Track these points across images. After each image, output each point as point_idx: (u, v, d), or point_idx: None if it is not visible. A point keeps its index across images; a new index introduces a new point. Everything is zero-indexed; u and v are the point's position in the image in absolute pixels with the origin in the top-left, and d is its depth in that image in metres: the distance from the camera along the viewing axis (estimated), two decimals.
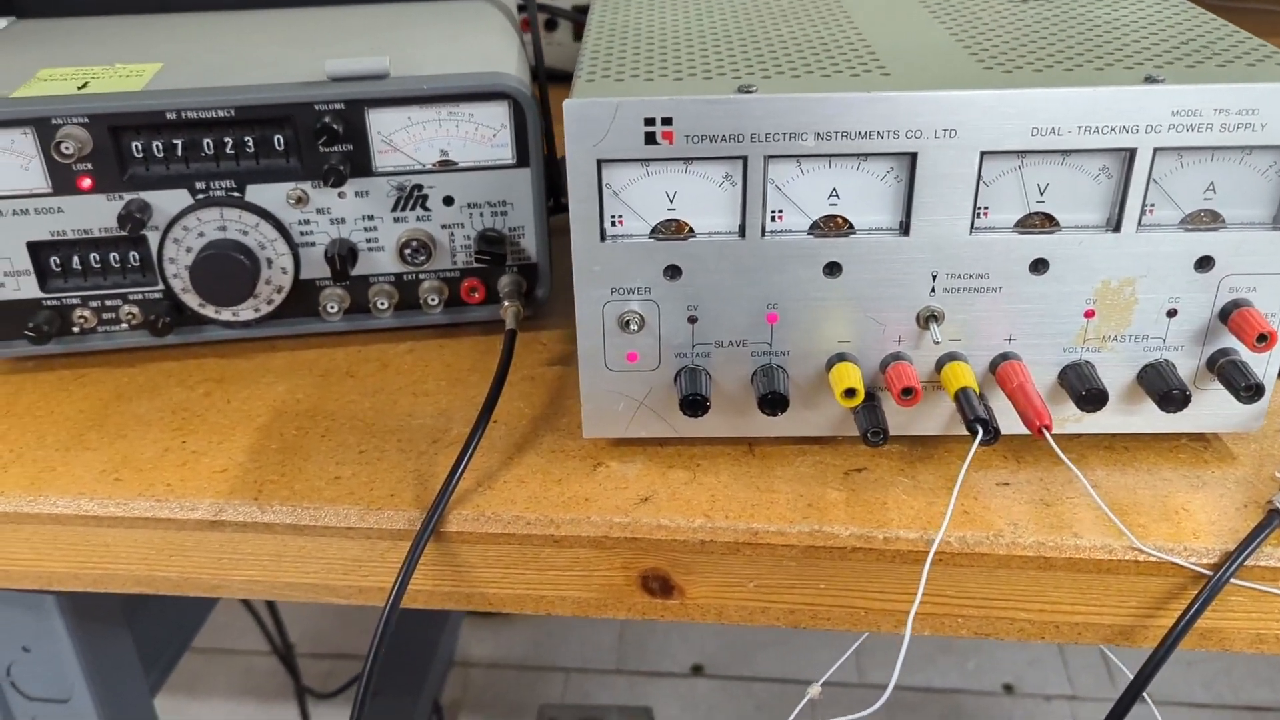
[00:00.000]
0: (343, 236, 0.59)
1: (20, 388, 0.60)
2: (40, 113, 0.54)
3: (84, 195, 0.56)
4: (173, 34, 0.67)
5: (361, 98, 0.56)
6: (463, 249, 0.61)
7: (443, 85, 0.56)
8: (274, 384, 0.59)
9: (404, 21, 0.69)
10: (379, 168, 0.58)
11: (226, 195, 0.57)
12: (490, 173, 0.59)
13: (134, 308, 0.60)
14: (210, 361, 0.62)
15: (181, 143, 0.56)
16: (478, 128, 0.58)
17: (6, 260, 0.58)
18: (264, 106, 0.55)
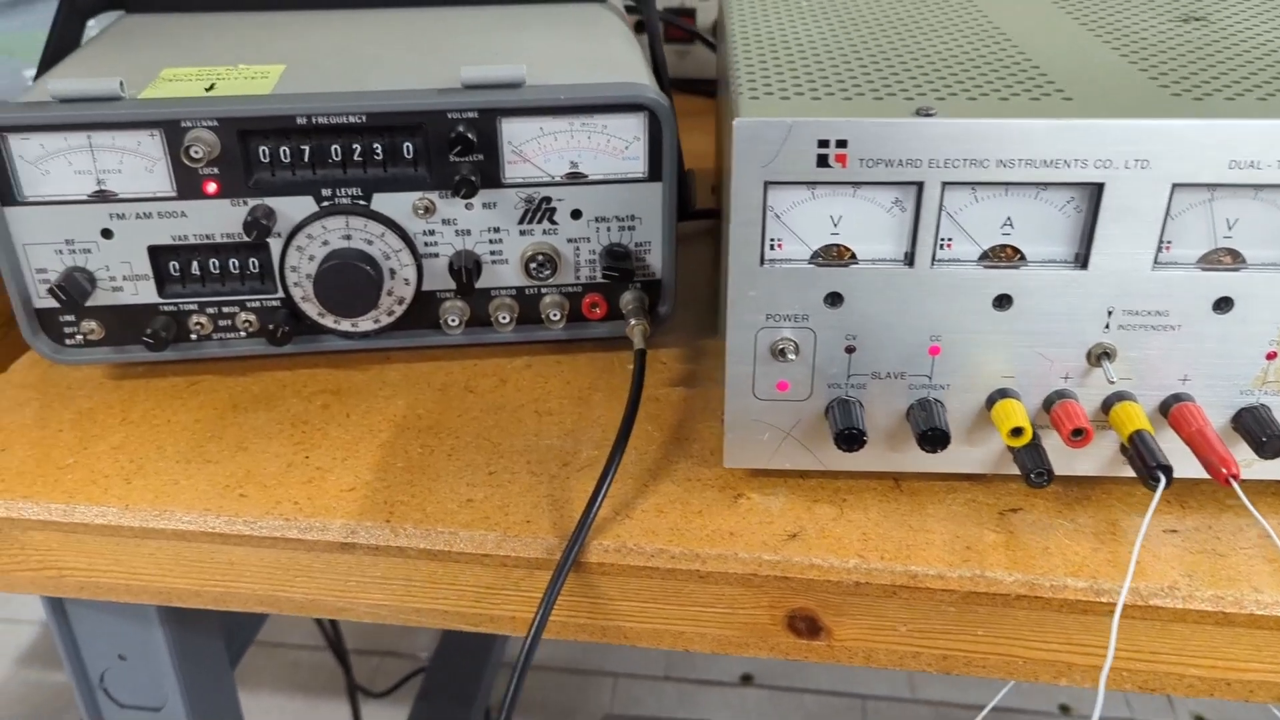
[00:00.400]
0: (467, 248, 0.58)
1: (133, 395, 0.58)
2: (171, 115, 0.52)
3: (208, 200, 0.55)
4: (285, 33, 0.65)
5: (496, 107, 0.54)
6: (587, 264, 0.59)
7: (580, 96, 0.54)
8: (392, 398, 0.58)
9: (521, 24, 0.67)
10: (508, 179, 0.56)
11: (352, 203, 0.56)
12: (620, 186, 0.57)
13: (251, 315, 0.58)
14: (324, 372, 0.60)
15: (309, 148, 0.55)
16: (610, 140, 0.56)
17: (126, 264, 0.56)
18: (396, 114, 0.54)
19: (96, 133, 0.53)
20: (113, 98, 0.52)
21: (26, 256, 0.55)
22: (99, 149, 0.53)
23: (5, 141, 0.53)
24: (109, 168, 0.54)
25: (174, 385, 0.59)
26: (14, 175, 0.53)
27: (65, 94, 0.52)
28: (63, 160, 0.53)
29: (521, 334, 0.60)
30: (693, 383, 0.59)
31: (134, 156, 0.54)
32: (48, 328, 0.58)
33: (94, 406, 0.57)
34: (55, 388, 0.59)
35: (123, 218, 0.55)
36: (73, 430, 0.55)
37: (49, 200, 0.54)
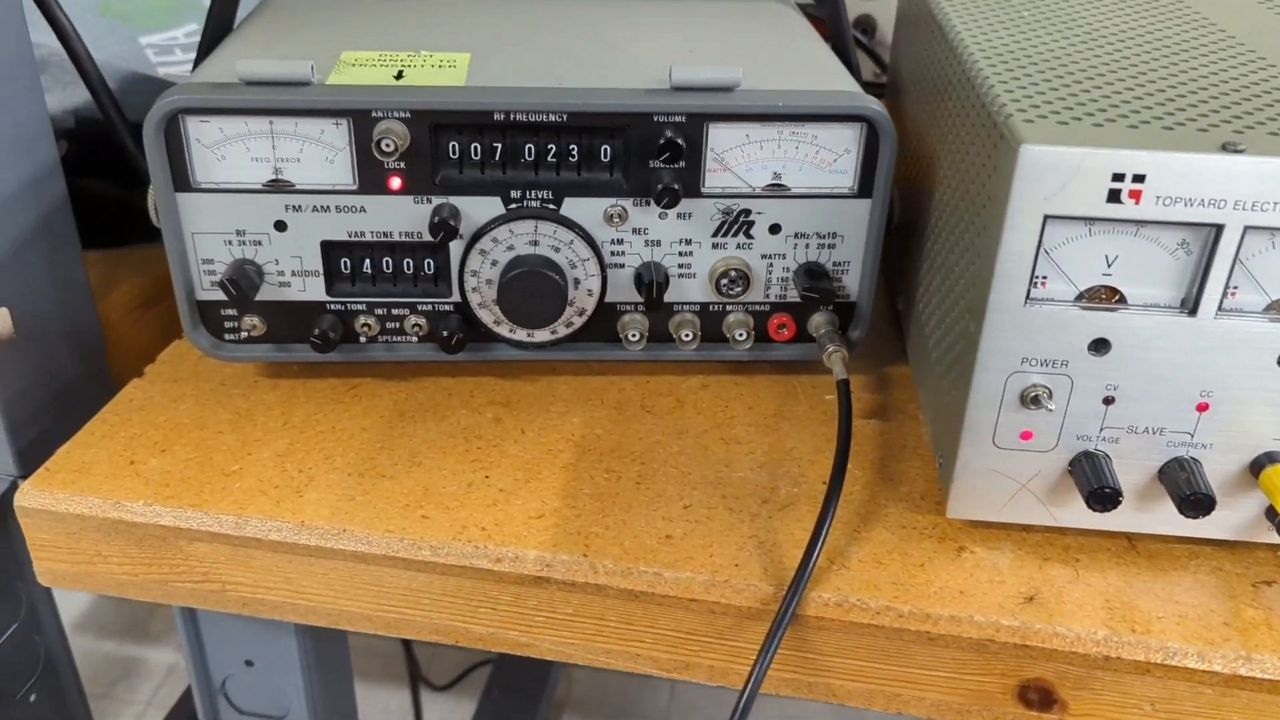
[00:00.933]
0: (656, 260, 0.54)
1: (292, 396, 0.55)
2: (362, 103, 0.49)
3: (391, 196, 0.51)
4: (455, 16, 0.62)
5: (705, 111, 0.50)
6: (779, 282, 0.55)
7: (798, 104, 0.50)
8: (567, 414, 0.54)
9: (703, 18, 0.63)
10: (706, 188, 0.52)
11: (541, 207, 0.52)
12: (825, 201, 0.53)
13: (421, 319, 0.55)
14: (490, 382, 0.57)
15: (501, 146, 0.51)
16: (819, 151, 0.52)
17: (296, 259, 0.53)
18: (599, 114, 0.50)
19: (279, 119, 0.49)
20: (302, 82, 0.49)
21: (194, 246, 0.52)
22: (280, 136, 0.50)
23: (184, 124, 0.49)
24: (288, 156, 0.50)
25: (333, 388, 0.56)
26: (190, 159, 0.50)
27: (254, 76, 0.48)
28: (240, 146, 0.50)
29: (702, 352, 0.56)
30: (886, 415, 0.55)
31: (316, 145, 0.50)
32: (208, 321, 0.54)
33: (251, 407, 0.54)
34: (208, 383, 0.56)
35: (298, 210, 0.52)
36: (233, 432, 0.52)
37: (223, 188, 0.51)
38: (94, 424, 0.53)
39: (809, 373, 0.58)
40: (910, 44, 0.65)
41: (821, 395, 0.56)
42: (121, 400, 0.55)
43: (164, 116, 0.48)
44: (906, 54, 0.66)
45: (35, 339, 0.56)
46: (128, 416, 0.53)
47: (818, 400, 0.56)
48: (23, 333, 0.55)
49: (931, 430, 0.51)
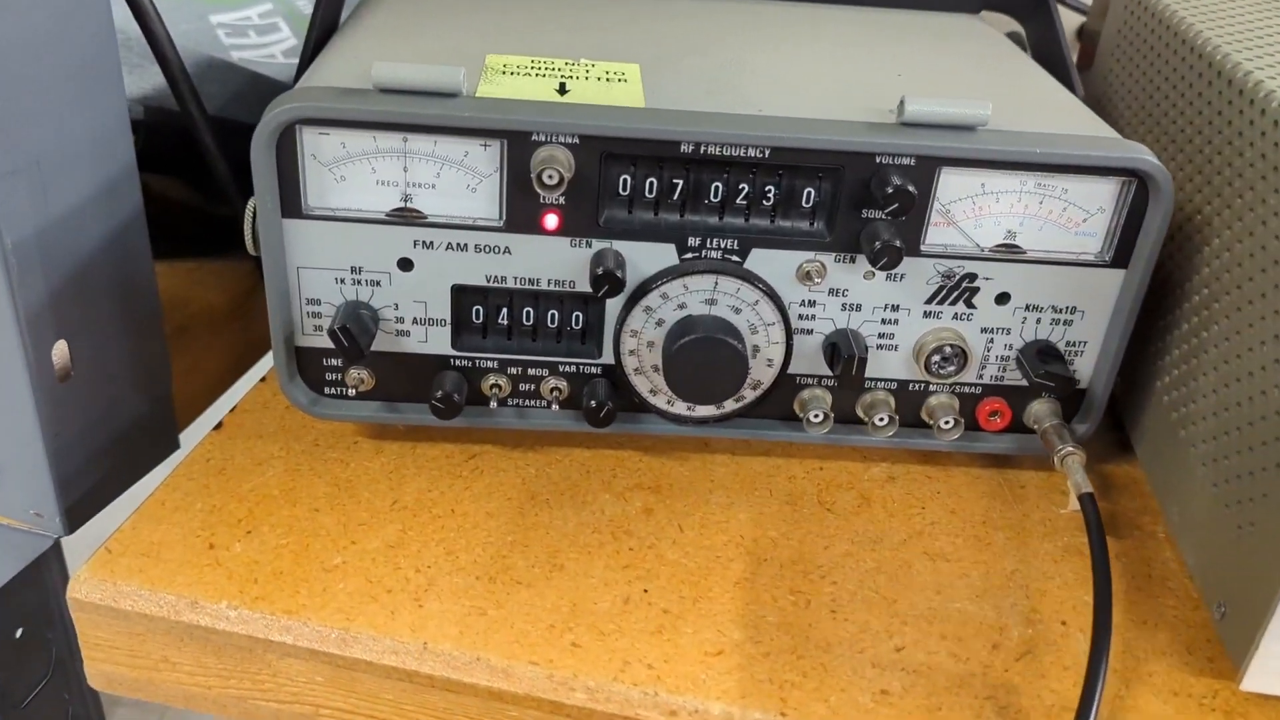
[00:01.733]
0: (852, 328, 0.44)
1: (400, 466, 0.46)
2: (522, 123, 0.39)
3: (544, 236, 0.42)
4: (604, 16, 0.52)
5: (943, 154, 0.40)
6: (997, 361, 0.45)
7: (1056, 151, 0.40)
8: (730, 506, 0.45)
9: (900, 34, 0.53)
10: (926, 246, 0.43)
11: (723, 259, 0.42)
12: (1067, 268, 0.43)
13: (562, 382, 0.45)
14: (634, 459, 0.47)
15: (682, 184, 0.41)
16: (1066, 208, 0.42)
17: (421, 304, 0.43)
18: (809, 151, 0.40)
19: (416, 136, 0.40)
20: (451, 93, 0.40)
21: (299, 282, 0.43)
22: (414, 156, 0.40)
23: (299, 136, 0.40)
24: (422, 180, 0.41)
25: (448, 456, 0.46)
26: (303, 179, 0.41)
27: (394, 82, 0.39)
28: (365, 166, 0.41)
29: (897, 440, 0.47)
30: (1117, 529, 0.45)
31: (456, 170, 0.41)
32: (307, 371, 0.45)
33: (353, 477, 0.45)
34: (299, 443, 0.47)
35: (429, 246, 0.42)
36: (333, 510, 0.43)
37: (340, 215, 0.41)
38: (165, 490, 0.44)
39: (1014, 466, 0.48)
40: (1134, 72, 0.55)
41: (1037, 498, 0.47)
42: (197, 460, 0.45)
43: (279, 127, 0.39)
44: (1127, 84, 0.56)
45: (94, 376, 0.47)
46: (204, 482, 0.44)
47: (1033, 504, 0.46)
48: (81, 368, 0.46)
49: (1200, 566, 0.41)
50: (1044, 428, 0.45)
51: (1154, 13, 0.52)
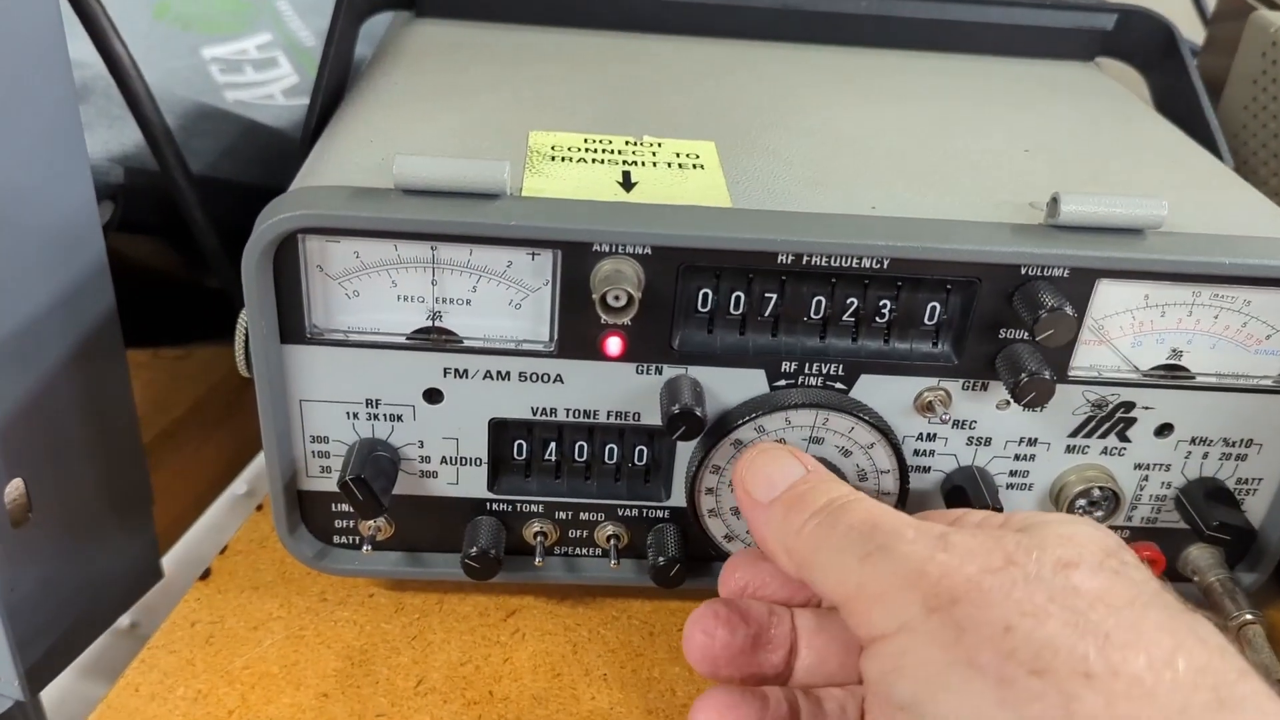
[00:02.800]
0: (979, 465, 0.36)
1: (424, 627, 0.38)
2: (580, 233, 0.31)
3: (604, 363, 0.34)
4: (669, 67, 0.44)
5: (1102, 266, 0.32)
6: (1151, 501, 0.37)
7: (1253, 263, 0.32)
8: None
9: (1015, 89, 0.45)
10: (1074, 369, 0.35)
11: (825, 386, 0.34)
12: (1243, 396, 0.35)
13: (621, 529, 0.37)
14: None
15: (775, 299, 0.33)
16: (1247, 322, 0.34)
17: (452, 442, 0.35)
18: (940, 263, 0.32)
19: (448, 245, 0.32)
20: (493, 194, 0.32)
21: (303, 419, 0.35)
22: (445, 267, 0.32)
23: (302, 246, 0.32)
24: (455, 296, 0.33)
25: (482, 614, 0.38)
26: (307, 297, 0.33)
27: (420, 183, 0.31)
28: (384, 280, 0.33)
29: None
30: None
31: (497, 284, 0.33)
32: (313, 518, 0.37)
33: (369, 647, 0.37)
34: (303, 598, 0.39)
35: (463, 375, 0.34)
36: (344, 697, 0.35)
37: (353, 339, 0.34)
38: (139, 669, 0.36)
39: None
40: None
41: None
42: (179, 624, 0.37)
43: (275, 239, 0.31)
44: (1271, 145, 0.48)
45: (58, 513, 0.39)
46: (189, 656, 0.36)
47: None
48: (41, 507, 0.38)
49: None
50: (1208, 582, 0.37)
51: None
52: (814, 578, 0.26)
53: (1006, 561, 0.23)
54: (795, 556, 0.27)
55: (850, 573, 0.25)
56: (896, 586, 0.23)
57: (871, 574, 0.24)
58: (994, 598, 0.22)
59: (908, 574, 0.23)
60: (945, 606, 0.22)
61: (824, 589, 0.26)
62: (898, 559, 0.24)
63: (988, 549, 0.23)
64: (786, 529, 0.27)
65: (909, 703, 0.22)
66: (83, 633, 0.43)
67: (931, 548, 0.24)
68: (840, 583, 0.25)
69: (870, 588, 0.24)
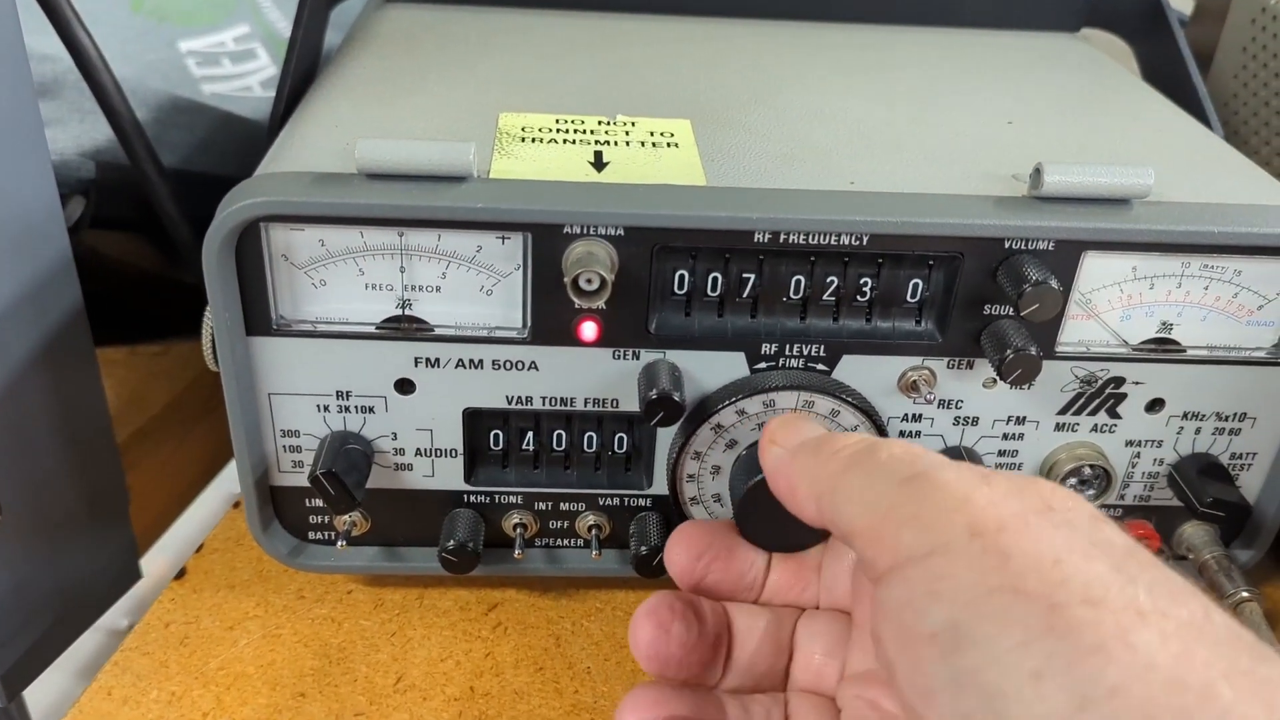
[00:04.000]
0: (966, 445, 0.35)
1: (404, 623, 0.37)
2: (551, 214, 0.30)
3: (580, 348, 0.33)
4: (642, 43, 0.43)
5: (1093, 238, 0.32)
6: (1144, 478, 0.37)
7: (1244, 231, 0.32)
8: None
9: (992, 60, 0.44)
10: (1062, 345, 0.34)
11: (806, 368, 0.34)
12: (1235, 369, 0.35)
13: (602, 518, 0.36)
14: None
15: (755, 279, 0.33)
16: (1237, 293, 0.34)
17: (425, 433, 0.35)
18: (921, 237, 0.31)
19: (415, 229, 0.31)
20: (459, 176, 0.31)
21: (273, 412, 0.34)
22: (413, 254, 0.32)
23: (265, 235, 0.31)
24: (423, 283, 0.32)
25: (463, 608, 0.38)
26: (272, 287, 0.32)
27: (383, 166, 0.30)
28: (351, 268, 0.32)
29: None
30: None
31: (467, 270, 0.32)
32: (286, 514, 0.36)
33: (346, 644, 0.36)
34: (280, 595, 0.38)
35: (435, 365, 0.33)
36: (322, 696, 0.34)
37: (321, 329, 0.33)
38: (113, 671, 0.35)
39: None
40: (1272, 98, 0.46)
41: None
42: (153, 625, 0.37)
43: (238, 226, 0.30)
44: (1262, 114, 0.47)
45: (29, 514, 0.38)
46: (162, 658, 0.35)
47: None
48: (11, 507, 0.37)
49: None
50: (1202, 560, 0.37)
51: None
52: (837, 506, 0.24)
53: (1046, 506, 0.22)
54: (820, 486, 0.25)
55: (883, 495, 0.23)
56: (937, 509, 0.22)
57: (909, 496, 0.23)
58: (1040, 533, 0.21)
59: (950, 499, 0.22)
60: (990, 532, 0.21)
61: (847, 516, 0.24)
62: (940, 484, 0.23)
63: (1028, 491, 0.22)
64: (816, 463, 0.26)
65: (943, 627, 0.21)
66: (60, 635, 0.42)
67: (975, 480, 0.23)
68: (870, 505, 0.23)
69: (905, 509, 0.23)
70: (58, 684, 0.47)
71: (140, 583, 0.45)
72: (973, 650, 0.20)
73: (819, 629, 0.29)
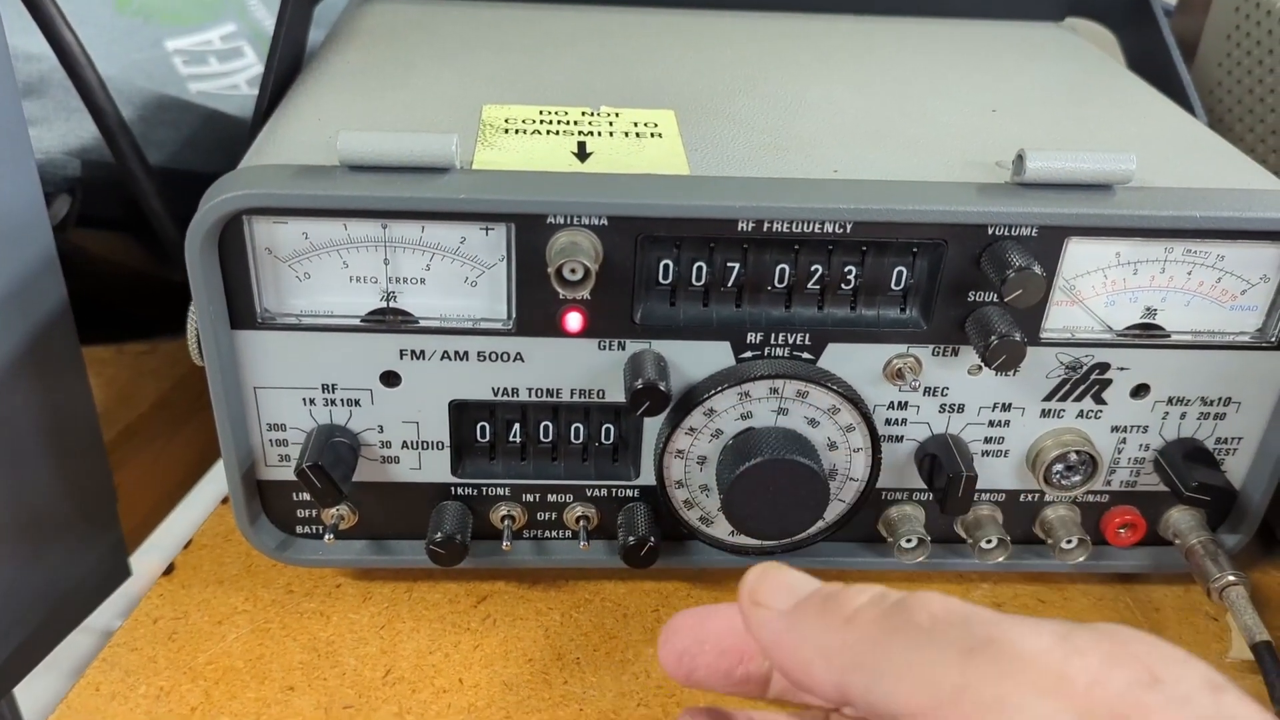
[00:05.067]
0: (953, 433, 0.36)
1: (393, 616, 0.37)
2: (533, 205, 0.30)
3: (565, 339, 0.33)
4: (626, 37, 0.43)
5: (1075, 223, 0.32)
6: (1130, 464, 0.37)
7: (1226, 216, 0.32)
8: None
9: (980, 53, 0.44)
10: (1047, 331, 0.34)
11: (792, 357, 0.34)
12: (1219, 353, 0.35)
13: (590, 509, 0.36)
14: (680, 591, 0.38)
15: (739, 268, 0.33)
16: (1221, 278, 0.34)
17: (412, 426, 0.35)
18: (904, 224, 0.31)
19: (399, 220, 0.31)
20: (441, 167, 0.31)
21: (258, 406, 0.34)
22: (397, 246, 0.32)
23: (248, 228, 0.31)
24: (408, 275, 0.32)
25: (452, 601, 0.38)
26: (256, 280, 0.32)
27: (365, 158, 0.30)
28: (334, 260, 0.32)
29: (1008, 565, 0.38)
30: None
31: (451, 261, 0.32)
32: (274, 508, 0.36)
33: (335, 638, 0.36)
34: (268, 590, 0.38)
35: (420, 357, 0.33)
36: (311, 689, 0.34)
37: (305, 322, 0.33)
38: (101, 668, 0.35)
39: (1142, 581, 0.40)
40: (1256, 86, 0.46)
41: (1177, 624, 0.38)
42: (142, 621, 0.37)
43: (220, 220, 0.30)
44: (1246, 101, 0.47)
45: (16, 514, 0.38)
46: (151, 654, 0.35)
47: (1173, 632, 0.38)
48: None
49: None
50: (1189, 544, 0.37)
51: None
52: (878, 685, 0.20)
53: (1152, 677, 0.19)
54: (841, 659, 0.21)
55: (945, 673, 0.19)
56: (1027, 692, 0.18)
57: (982, 674, 0.19)
58: (1160, 715, 0.18)
59: (1040, 678, 0.18)
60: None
61: (896, 697, 0.20)
62: (1019, 656, 0.19)
63: (1122, 655, 0.19)
64: (825, 630, 0.22)
65: None
66: (50, 633, 0.42)
67: (1058, 646, 0.19)
68: (927, 685, 0.19)
69: (983, 690, 0.19)
70: (48, 682, 0.47)
71: (129, 581, 0.45)
72: None
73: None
